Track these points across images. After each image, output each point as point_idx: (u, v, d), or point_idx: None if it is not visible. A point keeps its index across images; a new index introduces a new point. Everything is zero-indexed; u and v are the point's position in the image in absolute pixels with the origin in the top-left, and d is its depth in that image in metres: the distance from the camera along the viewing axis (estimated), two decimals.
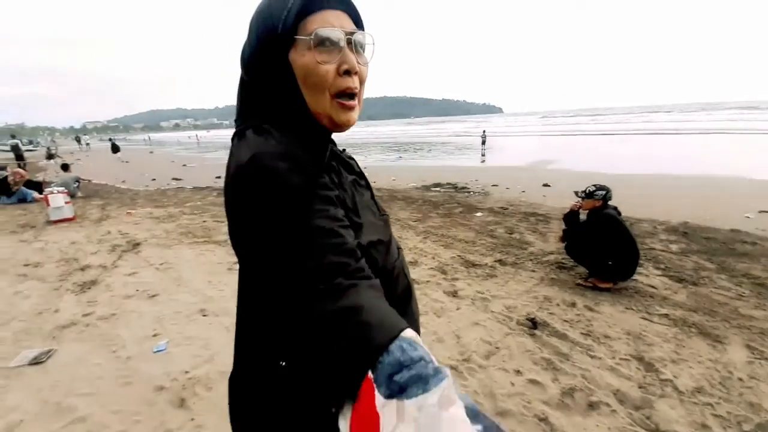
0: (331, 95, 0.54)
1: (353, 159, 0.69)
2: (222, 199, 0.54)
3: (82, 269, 3.87)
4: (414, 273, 3.46)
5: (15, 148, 20.49)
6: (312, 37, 0.51)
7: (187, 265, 3.89)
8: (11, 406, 1.87)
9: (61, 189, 6.74)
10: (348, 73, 0.54)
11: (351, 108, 0.56)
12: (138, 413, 1.80)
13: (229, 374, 0.67)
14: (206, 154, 25.42)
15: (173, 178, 12.24)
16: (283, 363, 0.51)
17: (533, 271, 3.47)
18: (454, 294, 3.03)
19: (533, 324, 2.49)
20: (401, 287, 0.63)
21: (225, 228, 4.03)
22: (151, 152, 29.80)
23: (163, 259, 4.09)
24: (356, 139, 36.95)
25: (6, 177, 8.98)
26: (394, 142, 31.11)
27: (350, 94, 0.55)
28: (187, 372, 2.09)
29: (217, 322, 2.66)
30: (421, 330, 0.55)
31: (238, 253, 0.53)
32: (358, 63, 0.56)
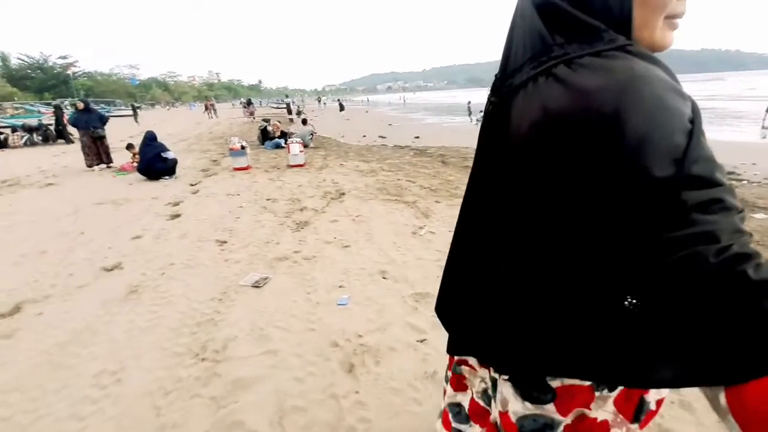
0: (664, 19, 0.48)
1: None
2: (415, 159, 1.28)
3: (301, 210, 4.57)
4: None
5: (288, 105, 28.94)
6: None
7: (377, 222, 4.05)
8: (233, 320, 2.27)
9: (298, 140, 8.26)
10: None
11: (676, 28, 0.51)
12: (314, 364, 1.87)
13: (396, 351, 1.12)
14: (409, 114, 27.15)
15: (379, 136, 13.47)
16: (631, 300, 0.45)
17: None
18: None
19: None
20: None
21: (414, 189, 3.92)
22: (367, 111, 33.97)
23: (359, 212, 4.41)
24: None
25: (266, 127, 11.76)
26: None
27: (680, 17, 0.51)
28: (360, 336, 2.08)
29: (394, 289, 2.59)
30: None
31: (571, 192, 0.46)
32: None
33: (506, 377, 0.61)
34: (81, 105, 8.18)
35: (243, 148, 7.50)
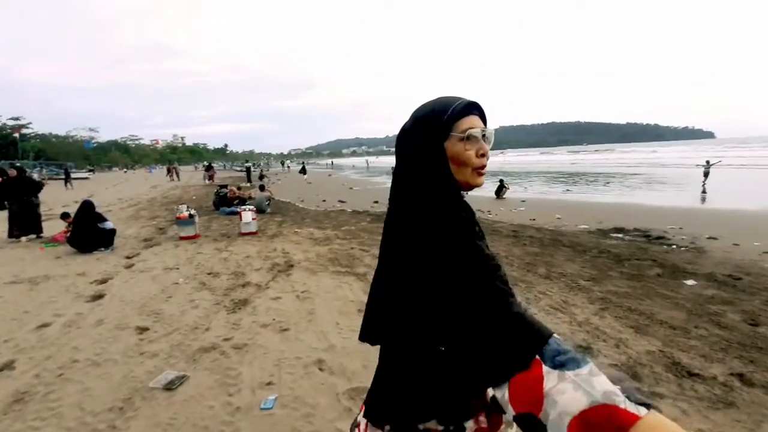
0: (471, 169, 0.77)
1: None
2: (372, 226, 4.08)
3: (243, 286, 4.28)
4: None
5: (248, 170, 28.17)
6: (464, 134, 0.75)
7: (323, 298, 3.84)
8: None
9: (251, 207, 8.08)
10: (483, 155, 0.78)
11: (483, 175, 0.80)
12: None
13: None
14: (372, 178, 27.93)
15: (339, 200, 13.57)
16: (442, 348, 0.69)
17: None
18: None
19: None
20: None
21: (367, 259, 3.78)
22: (330, 175, 34.66)
23: (305, 287, 4.19)
24: (515, 167, 34.66)
25: (227, 194, 11.54)
26: (561, 171, 27.75)
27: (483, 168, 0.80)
28: None
29: (329, 383, 2.34)
30: None
31: (409, 269, 0.73)
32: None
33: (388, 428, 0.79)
34: (13, 172, 7.67)
35: (191, 216, 7.20)
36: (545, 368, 0.56)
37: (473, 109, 0.78)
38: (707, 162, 14.45)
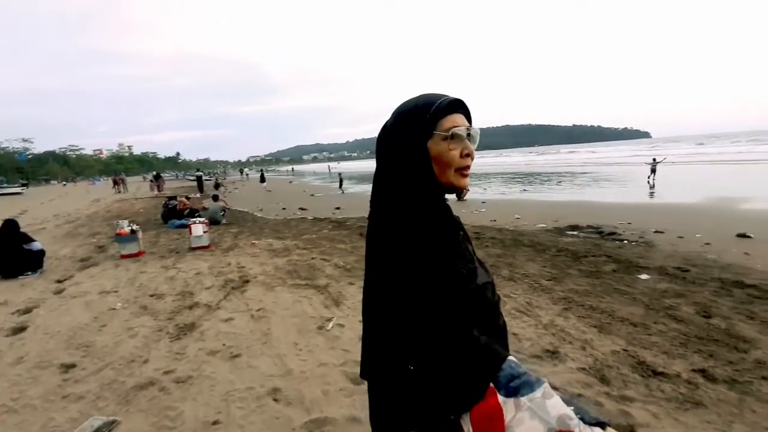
0: (454, 170, 0.75)
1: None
2: (333, 233, 4.10)
3: (190, 307, 3.89)
4: (553, 376, 2.37)
5: (199, 179, 26.44)
6: (448, 133, 0.73)
7: (280, 315, 3.57)
8: None
9: (202, 220, 7.56)
10: (468, 156, 0.76)
11: (467, 176, 0.77)
12: None
13: None
14: (333, 183, 27.50)
15: (300, 208, 13.15)
16: (411, 367, 0.67)
17: None
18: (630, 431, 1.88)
19: None
20: (501, 319, 0.82)
21: (328, 269, 3.50)
22: (291, 182, 33.83)
23: (261, 304, 3.88)
24: (475, 168, 35.60)
25: (176, 206, 10.81)
26: (517, 172, 28.82)
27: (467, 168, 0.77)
28: None
29: (285, 416, 2.09)
30: None
31: (385, 286, 0.72)
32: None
33: None
34: None
35: (134, 232, 6.59)
36: (500, 398, 0.58)
37: (458, 106, 0.76)
38: (654, 159, 15.46)
